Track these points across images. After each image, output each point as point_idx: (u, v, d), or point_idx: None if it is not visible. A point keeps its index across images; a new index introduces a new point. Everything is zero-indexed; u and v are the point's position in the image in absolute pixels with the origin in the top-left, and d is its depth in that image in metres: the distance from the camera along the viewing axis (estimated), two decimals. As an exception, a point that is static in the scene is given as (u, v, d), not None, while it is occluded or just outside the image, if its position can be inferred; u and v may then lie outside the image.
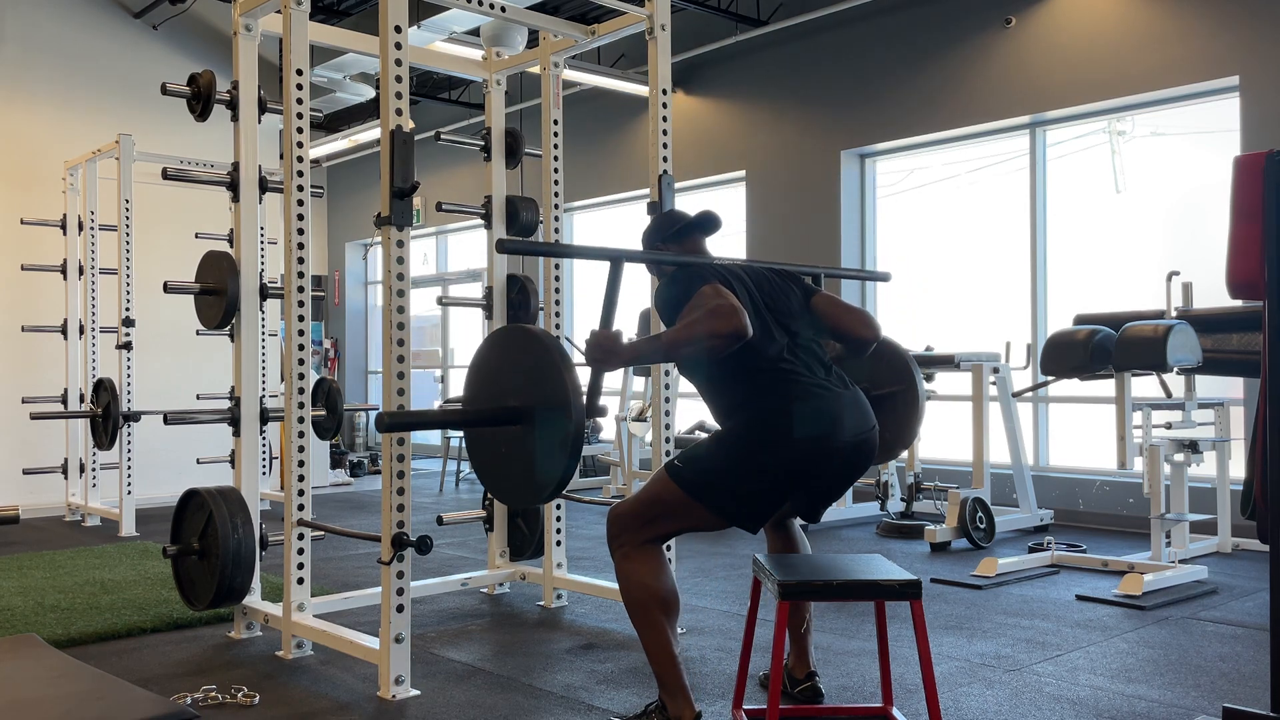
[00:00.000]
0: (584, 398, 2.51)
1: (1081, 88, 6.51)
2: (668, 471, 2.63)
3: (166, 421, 3.84)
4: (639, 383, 8.05)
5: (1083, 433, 6.79)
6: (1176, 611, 4.06)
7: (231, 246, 4.56)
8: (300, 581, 3.54)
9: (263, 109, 3.87)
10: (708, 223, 2.98)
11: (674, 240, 2.96)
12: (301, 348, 3.63)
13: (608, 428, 9.13)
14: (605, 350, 2.48)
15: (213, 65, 8.46)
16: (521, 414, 2.60)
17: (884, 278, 3.84)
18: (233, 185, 3.84)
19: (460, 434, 8.90)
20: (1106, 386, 5.02)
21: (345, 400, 7.00)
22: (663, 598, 2.58)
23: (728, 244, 8.55)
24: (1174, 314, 5.01)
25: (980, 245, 7.36)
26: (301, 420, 3.61)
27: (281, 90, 3.60)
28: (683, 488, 2.58)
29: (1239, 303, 4.55)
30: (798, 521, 3.04)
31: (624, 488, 7.56)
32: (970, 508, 5.55)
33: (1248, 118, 5.80)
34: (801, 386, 2.59)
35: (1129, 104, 6.45)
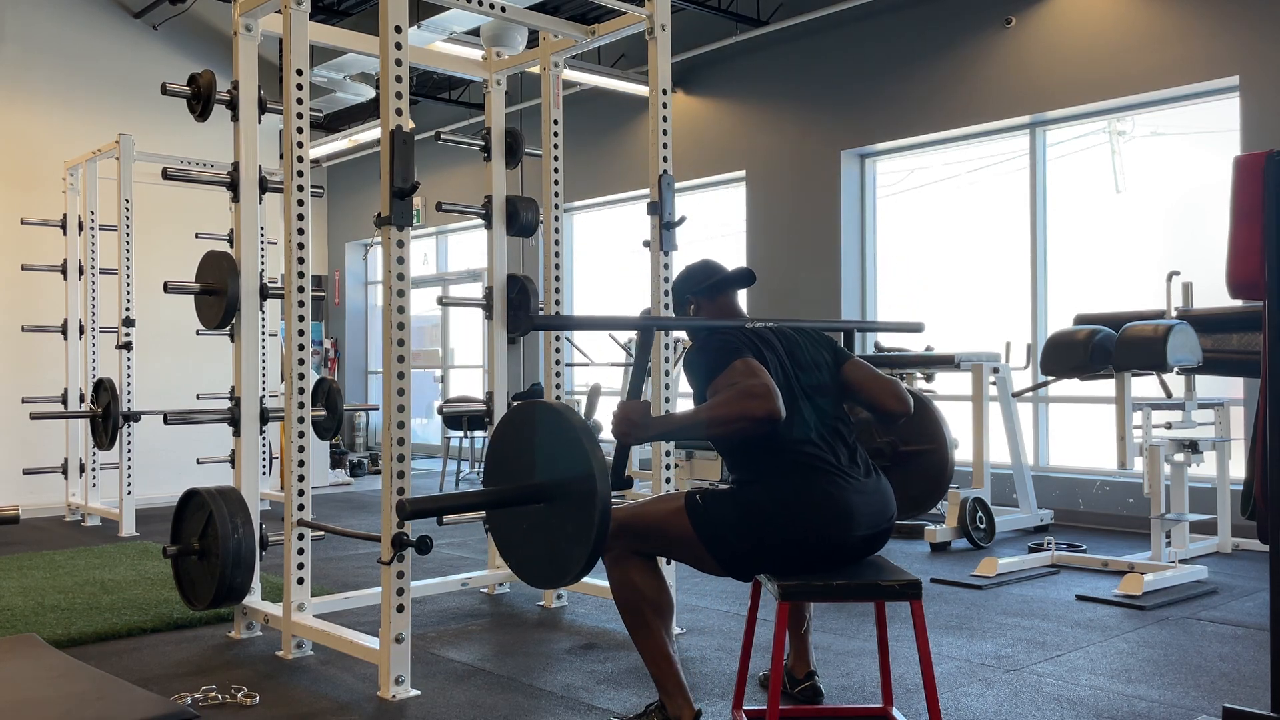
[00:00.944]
0: (610, 471, 2.38)
1: (1081, 88, 6.51)
2: (686, 505, 2.55)
3: (166, 421, 3.84)
4: (639, 383, 8.03)
5: (1083, 433, 6.79)
6: (1176, 611, 4.06)
7: (231, 246, 4.56)
8: (300, 581, 3.54)
9: (263, 109, 3.87)
10: (743, 280, 2.89)
11: (706, 295, 2.88)
12: (301, 348, 3.63)
13: (608, 428, 9.12)
14: (633, 424, 2.42)
15: (213, 65, 8.46)
16: (545, 491, 2.48)
17: (917, 328, 3.67)
18: (233, 185, 3.84)
19: (461, 434, 8.91)
20: (1106, 386, 5.02)
21: (345, 400, 7.00)
22: (654, 599, 2.58)
23: (728, 244, 8.55)
24: (1174, 314, 5.01)
25: (980, 245, 7.36)
26: (301, 420, 3.61)
27: (281, 90, 3.60)
28: (695, 528, 2.52)
29: (1239, 303, 4.55)
30: None
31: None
32: (970, 508, 5.55)
33: (1248, 118, 5.80)
34: (823, 473, 2.50)
35: (1129, 104, 6.45)
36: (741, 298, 2.98)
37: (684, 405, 3.79)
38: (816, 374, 2.70)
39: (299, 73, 3.57)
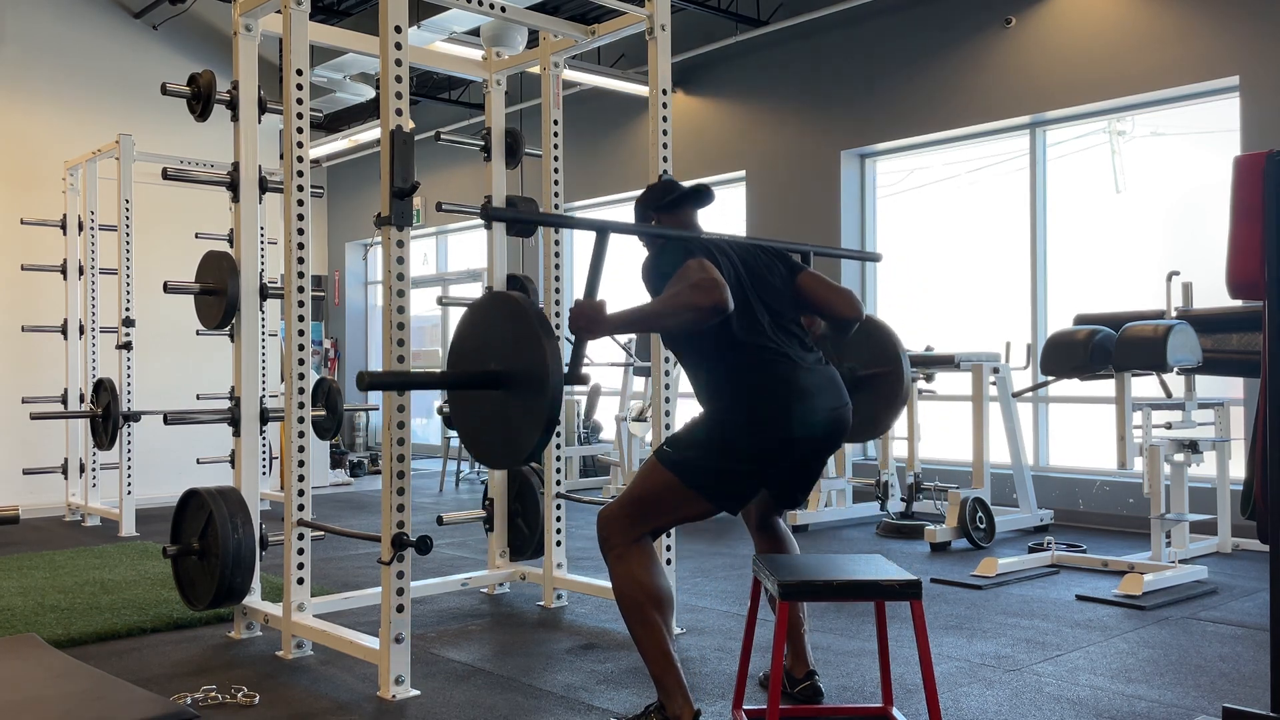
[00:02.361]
0: (564, 365, 2.59)
1: (1081, 88, 6.51)
2: (657, 456, 2.68)
3: (166, 421, 3.84)
4: (639, 383, 8.05)
5: (1083, 433, 6.79)
6: (1176, 611, 4.06)
7: (231, 246, 4.56)
8: (300, 581, 3.54)
9: (263, 109, 3.87)
10: (701, 196, 2.99)
11: (667, 210, 2.98)
12: (301, 348, 3.63)
13: (608, 428, 9.14)
14: (589, 319, 2.54)
15: (213, 65, 8.46)
16: (502, 379, 2.68)
17: (875, 258, 3.97)
18: (233, 185, 3.84)
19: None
20: (1106, 386, 5.02)
21: (345, 400, 7.00)
22: (657, 596, 2.59)
23: (728, 244, 8.54)
24: (1174, 314, 5.01)
25: (980, 245, 7.36)
26: (301, 420, 3.61)
27: (281, 90, 3.60)
28: (672, 470, 2.62)
29: (1239, 303, 4.55)
30: (784, 519, 3.06)
31: (624, 488, 7.55)
32: (970, 508, 5.55)
33: (1248, 118, 5.80)
34: (781, 364, 2.64)
35: (1129, 104, 6.45)
36: (700, 217, 3.04)
37: (685, 406, 3.80)
38: (770, 279, 2.81)
39: (299, 73, 3.57)
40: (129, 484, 6.40)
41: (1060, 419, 6.95)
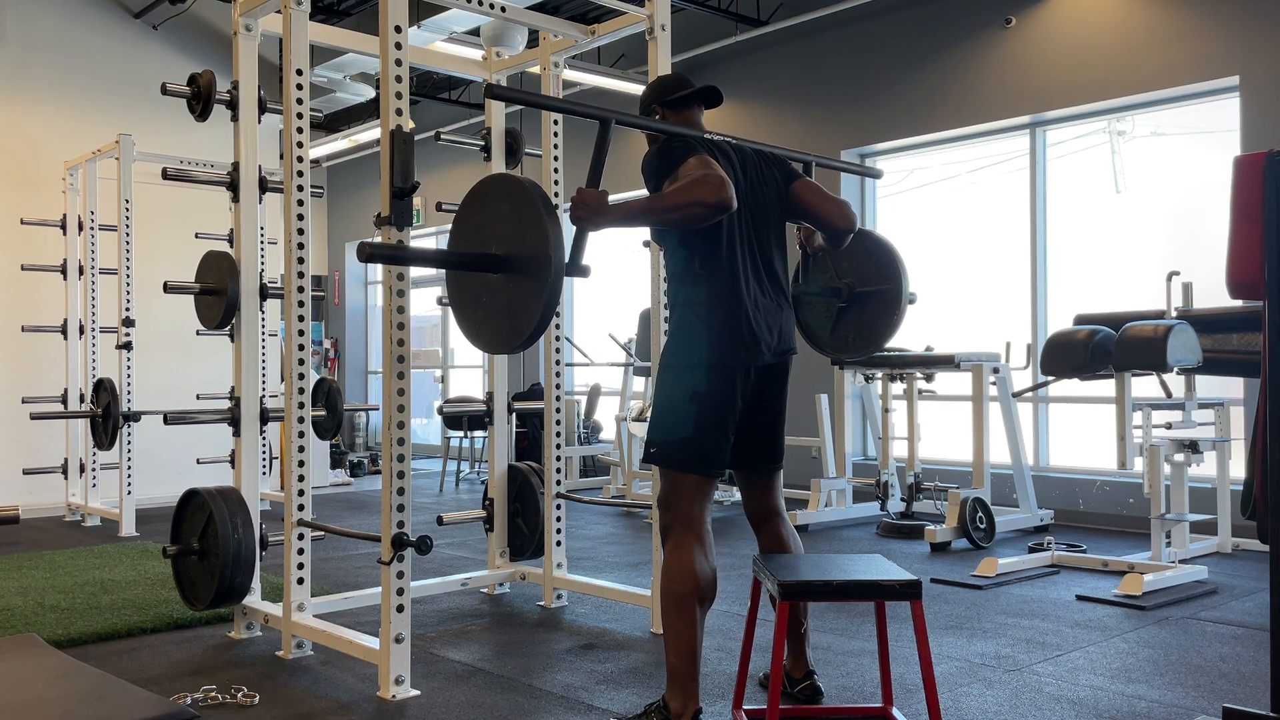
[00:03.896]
0: (566, 252, 2.58)
1: (1081, 88, 6.51)
2: (649, 460, 2.75)
3: (166, 421, 3.84)
4: (639, 383, 8.05)
5: (1083, 433, 6.79)
6: (1176, 611, 4.06)
7: (231, 246, 4.56)
8: (300, 581, 3.54)
9: (263, 109, 3.87)
10: (709, 96, 2.97)
11: (673, 107, 2.96)
12: (301, 348, 3.63)
13: (608, 428, 9.14)
14: (591, 209, 2.54)
15: (213, 65, 8.46)
16: (503, 261, 2.66)
17: (876, 174, 4.00)
18: (233, 185, 3.84)
19: (461, 434, 8.92)
20: (1106, 386, 5.02)
21: (345, 400, 7.00)
22: (705, 587, 2.62)
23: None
24: (1174, 314, 5.01)
25: (980, 245, 7.36)
26: (301, 420, 3.61)
27: (281, 90, 3.60)
28: (672, 464, 2.68)
29: (1239, 303, 4.55)
30: (788, 519, 3.05)
31: (624, 488, 7.55)
32: (970, 508, 5.55)
33: (1248, 118, 5.80)
34: (748, 302, 2.68)
35: (1129, 104, 6.45)
36: (704, 119, 3.04)
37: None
38: (763, 189, 2.82)
39: (299, 73, 3.57)
40: (129, 484, 6.40)
41: (1060, 419, 6.95)
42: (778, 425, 2.88)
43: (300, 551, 3.56)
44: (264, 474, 6.52)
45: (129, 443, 6.41)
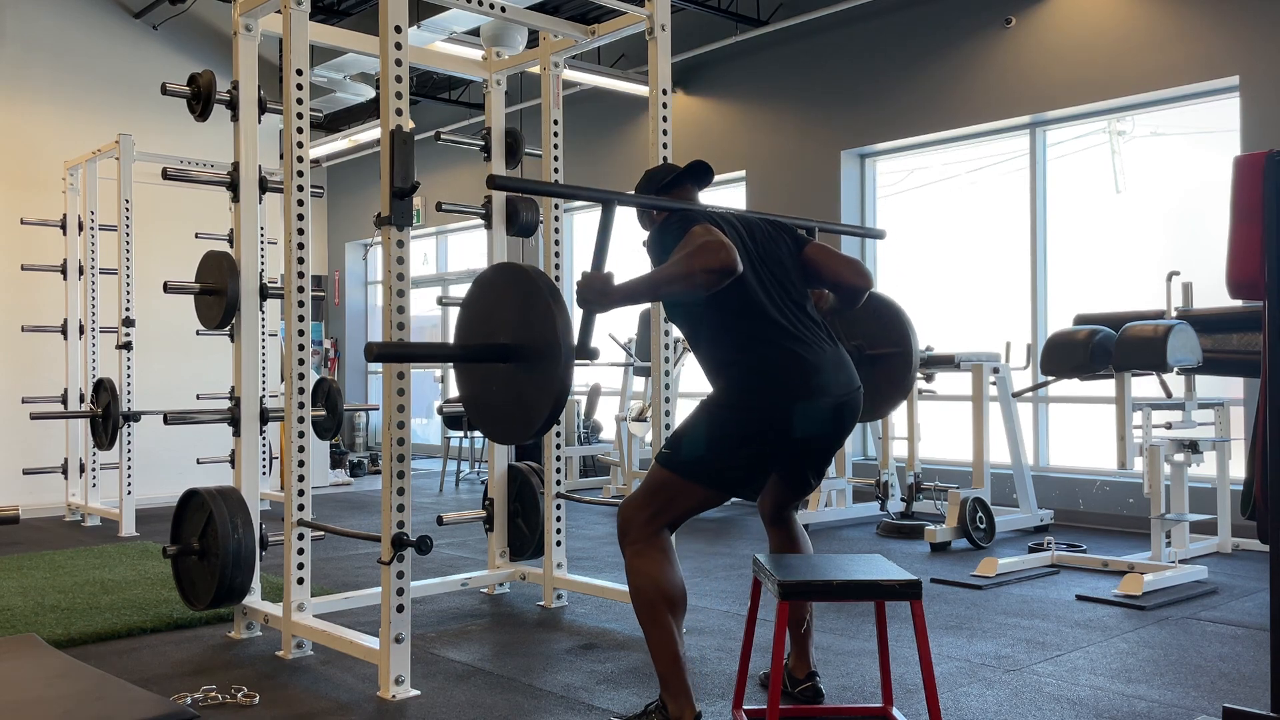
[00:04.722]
0: (574, 338, 2.54)
1: (1081, 88, 6.51)
2: (658, 461, 2.66)
3: (166, 421, 3.84)
4: (639, 383, 8.05)
5: (1083, 433, 6.79)
6: (1176, 611, 4.06)
7: (231, 246, 4.56)
8: (300, 581, 3.54)
9: (263, 109, 3.86)
10: (699, 173, 2.96)
11: (666, 192, 2.96)
12: (301, 348, 3.63)
13: (608, 428, 9.14)
14: (597, 291, 2.51)
15: (213, 65, 8.46)
16: (512, 351, 2.64)
17: (879, 235, 3.91)
18: (233, 185, 3.84)
19: (461, 434, 8.91)
20: (1106, 386, 5.02)
21: (345, 400, 7.00)
22: (671, 595, 2.59)
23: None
24: (1174, 314, 5.01)
25: (980, 245, 7.36)
26: (301, 420, 3.61)
27: (281, 90, 3.60)
28: (676, 472, 2.61)
29: (1239, 303, 4.55)
30: (799, 519, 3.05)
31: (624, 488, 7.56)
32: (970, 508, 5.55)
33: (1248, 118, 5.80)
34: (788, 341, 2.60)
35: (1129, 104, 6.45)
36: (700, 197, 3.02)
37: (685, 406, 3.78)
38: (775, 252, 2.78)
39: (299, 73, 3.57)
40: (129, 484, 6.40)
41: (1060, 419, 6.95)
42: (830, 457, 2.82)
43: (300, 551, 3.56)
44: (264, 474, 6.52)
45: (129, 443, 6.41)
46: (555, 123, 4.30)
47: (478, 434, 8.80)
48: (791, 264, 2.80)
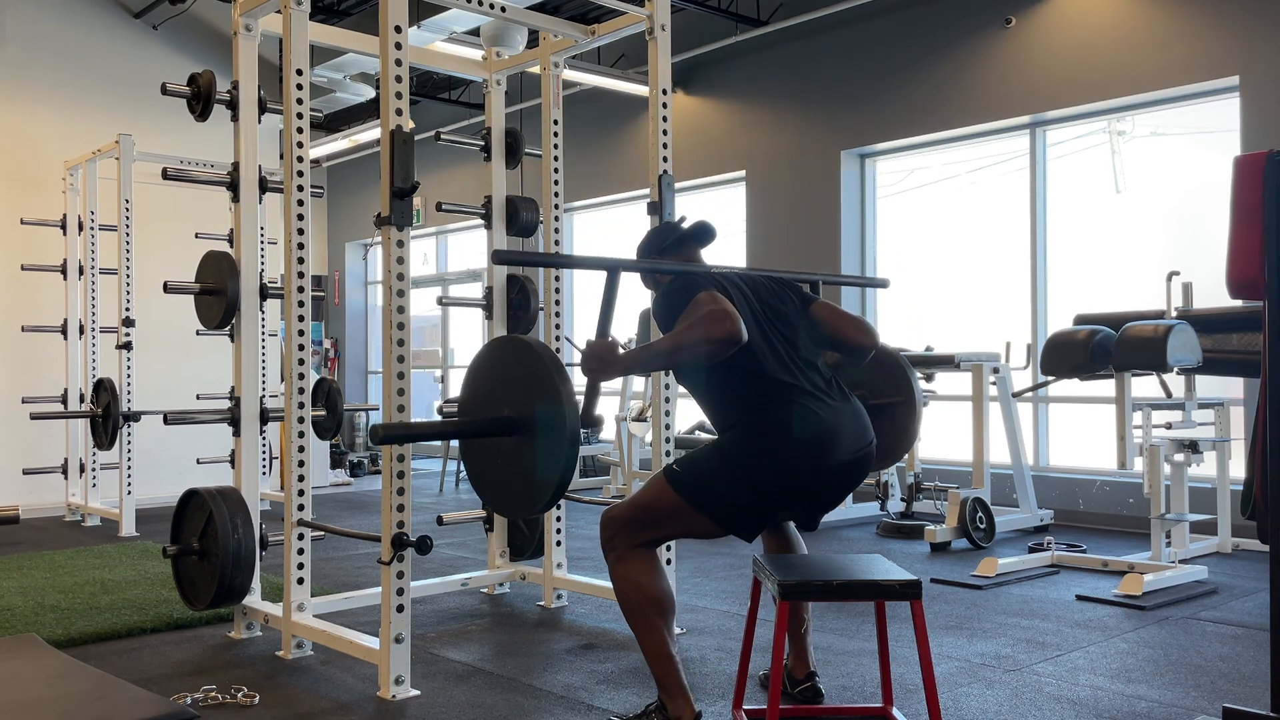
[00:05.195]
0: (579, 407, 2.49)
1: (1081, 88, 6.51)
2: (666, 477, 2.61)
3: (166, 421, 3.84)
4: (639, 383, 8.05)
5: (1083, 433, 6.79)
6: (1176, 611, 4.06)
7: (231, 246, 4.56)
8: (300, 581, 3.54)
9: (263, 109, 3.86)
10: (703, 234, 2.93)
11: (670, 253, 2.93)
12: (301, 348, 3.63)
13: (608, 428, 9.14)
14: (602, 360, 2.48)
15: (213, 65, 8.46)
16: (516, 424, 2.59)
17: (882, 284, 3.86)
18: (233, 185, 3.84)
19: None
20: (1106, 386, 5.02)
21: (345, 400, 7.00)
22: (658, 599, 2.58)
23: (728, 244, 8.56)
24: (1174, 314, 5.01)
25: (980, 245, 7.36)
26: (301, 420, 3.61)
27: (281, 90, 3.60)
28: (681, 495, 2.57)
29: (1239, 303, 4.55)
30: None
31: (624, 488, 7.55)
32: (970, 508, 5.55)
33: (1248, 118, 5.80)
34: (800, 398, 2.55)
35: (1129, 104, 6.45)
36: (706, 254, 3.00)
37: (685, 406, 3.78)
38: (782, 310, 2.76)
39: (299, 73, 3.57)
40: (129, 484, 6.40)
41: (1060, 419, 6.95)
42: (838, 504, 2.79)
43: (300, 551, 3.56)
44: (264, 474, 6.52)
45: (129, 443, 6.41)
46: (555, 123, 4.30)
47: (478, 434, 8.80)
48: (799, 321, 2.77)
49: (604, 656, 3.48)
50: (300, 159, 3.60)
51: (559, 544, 4.23)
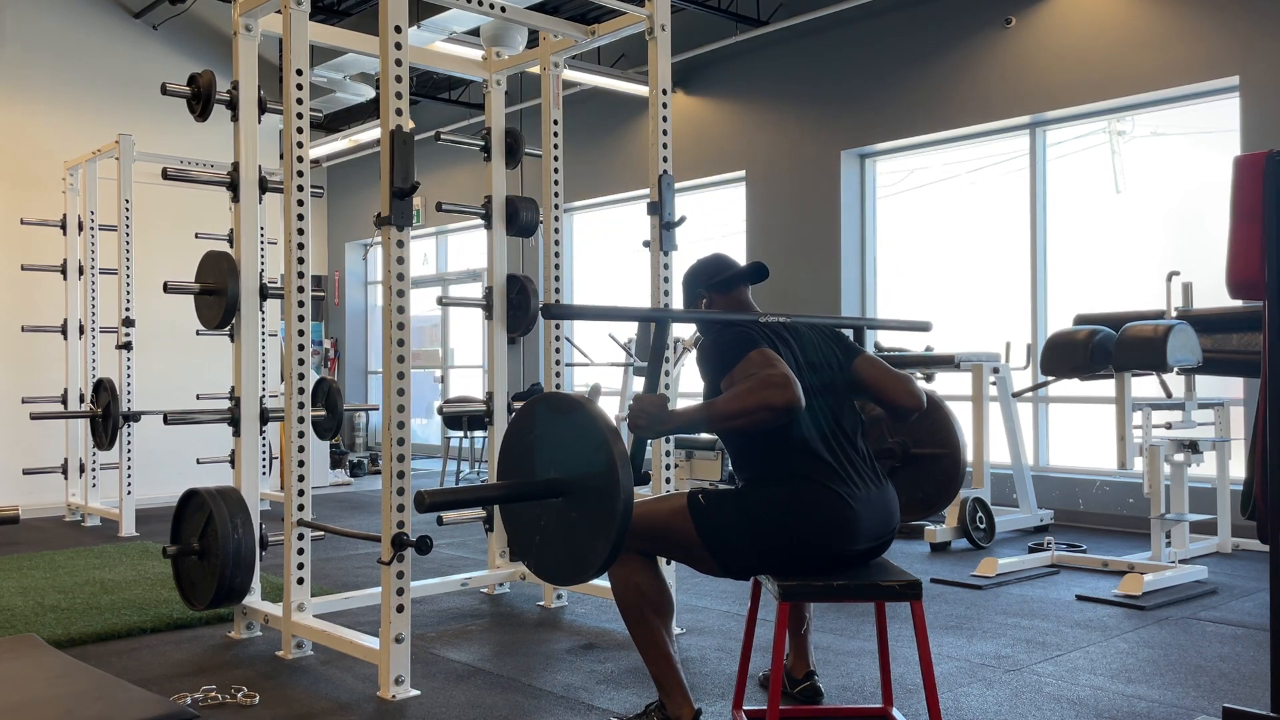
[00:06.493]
0: (630, 468, 2.34)
1: (1081, 88, 6.51)
2: (690, 506, 2.54)
3: (166, 421, 3.84)
4: (639, 383, 8.05)
5: (1083, 433, 6.79)
6: (1176, 611, 4.06)
7: (231, 246, 4.56)
8: (300, 581, 3.54)
9: (263, 109, 3.86)
10: (756, 275, 2.85)
11: (719, 290, 2.84)
12: (301, 348, 3.63)
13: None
14: (651, 417, 2.39)
15: (213, 65, 8.46)
16: (564, 485, 2.43)
17: (925, 327, 3.66)
18: (233, 185, 3.84)
19: (461, 434, 8.91)
20: (1106, 386, 5.02)
21: (345, 400, 7.00)
22: (656, 600, 2.57)
23: (728, 244, 8.56)
24: (1174, 314, 5.01)
25: (980, 245, 7.36)
26: (301, 420, 3.61)
27: (281, 90, 3.60)
28: (698, 530, 2.52)
29: (1239, 303, 4.55)
30: None
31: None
32: (970, 508, 5.55)
33: (1248, 118, 5.80)
34: (832, 482, 2.47)
35: (1129, 104, 6.45)
36: (753, 293, 2.95)
37: (686, 405, 3.78)
38: (827, 372, 2.67)
39: (299, 73, 3.57)
40: (129, 484, 6.40)
41: (1060, 419, 6.95)
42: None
43: (300, 551, 3.56)
44: (264, 474, 6.52)
45: (129, 443, 6.41)
46: (555, 123, 4.30)
47: (478, 434, 8.80)
48: (842, 382, 2.69)
49: (604, 656, 3.48)
50: (300, 159, 3.60)
51: (559, 544, 4.23)
